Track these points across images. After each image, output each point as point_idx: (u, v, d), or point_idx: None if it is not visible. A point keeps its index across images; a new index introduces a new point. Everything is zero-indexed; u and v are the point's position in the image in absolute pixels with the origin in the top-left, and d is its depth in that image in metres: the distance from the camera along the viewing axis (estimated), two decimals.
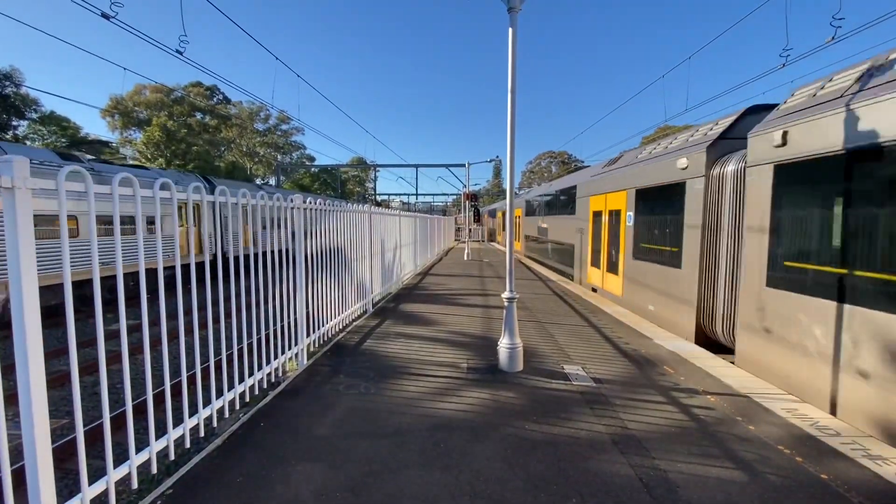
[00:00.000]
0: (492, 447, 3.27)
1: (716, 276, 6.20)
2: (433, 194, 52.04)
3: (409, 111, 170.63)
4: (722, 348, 6.08)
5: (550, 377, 4.74)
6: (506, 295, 5.05)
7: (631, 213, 8.94)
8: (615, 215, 9.82)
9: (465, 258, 19.52)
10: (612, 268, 9.98)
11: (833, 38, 7.63)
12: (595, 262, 11.31)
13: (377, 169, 50.70)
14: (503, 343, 4.98)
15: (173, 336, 7.50)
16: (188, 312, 9.40)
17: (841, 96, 4.21)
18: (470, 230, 24.58)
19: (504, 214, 32.19)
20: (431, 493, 2.72)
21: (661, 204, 7.86)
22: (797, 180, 4.71)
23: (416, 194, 44.85)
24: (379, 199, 50.62)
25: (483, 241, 38.29)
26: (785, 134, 4.71)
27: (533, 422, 3.68)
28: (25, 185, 1.99)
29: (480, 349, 5.72)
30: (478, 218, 31.13)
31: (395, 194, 54.60)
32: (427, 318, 7.62)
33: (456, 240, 35.48)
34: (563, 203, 14.94)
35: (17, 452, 2.13)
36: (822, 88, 4.60)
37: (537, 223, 19.55)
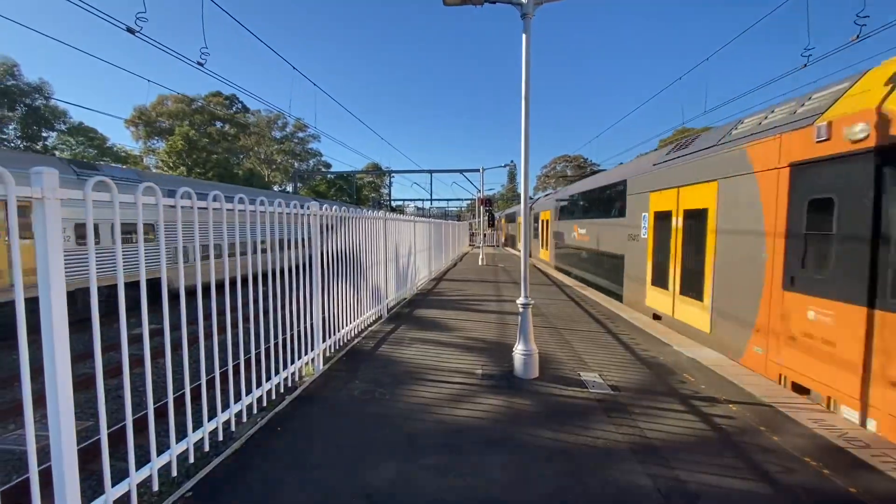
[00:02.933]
0: (507, 455, 3.24)
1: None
2: (447, 199, 52.37)
3: (424, 116, 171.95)
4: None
5: (567, 384, 4.68)
6: (521, 301, 5.02)
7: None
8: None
9: (480, 263, 19.49)
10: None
11: (857, 36, 7.42)
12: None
13: (392, 175, 51.11)
14: (518, 349, 4.95)
15: (193, 340, 7.65)
16: (207, 318, 9.56)
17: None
18: (484, 235, 24.51)
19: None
20: (445, 501, 2.71)
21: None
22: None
23: (431, 199, 45.05)
24: (394, 204, 50.92)
25: (498, 246, 38.16)
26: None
27: (549, 430, 3.64)
28: (54, 195, 2.07)
29: (495, 355, 5.69)
30: (492, 223, 31.03)
31: (410, 200, 55.02)
32: (441, 323, 7.62)
33: (470, 245, 35.46)
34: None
35: (44, 454, 2.20)
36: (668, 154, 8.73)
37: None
